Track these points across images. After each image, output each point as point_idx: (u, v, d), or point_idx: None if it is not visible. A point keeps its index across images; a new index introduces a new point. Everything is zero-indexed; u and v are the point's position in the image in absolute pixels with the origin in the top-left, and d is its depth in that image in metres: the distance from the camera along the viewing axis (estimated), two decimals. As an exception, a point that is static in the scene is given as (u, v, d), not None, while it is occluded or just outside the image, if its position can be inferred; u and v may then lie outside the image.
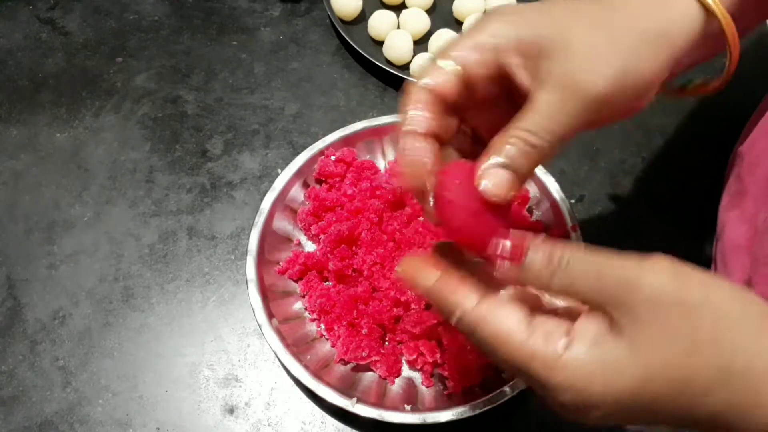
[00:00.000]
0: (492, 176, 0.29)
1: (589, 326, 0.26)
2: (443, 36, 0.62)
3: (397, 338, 0.46)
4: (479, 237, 0.29)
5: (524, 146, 0.29)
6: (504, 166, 0.29)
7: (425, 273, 0.30)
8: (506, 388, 0.42)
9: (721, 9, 0.33)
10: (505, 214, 0.30)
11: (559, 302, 0.30)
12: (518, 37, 0.30)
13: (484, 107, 0.33)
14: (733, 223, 0.46)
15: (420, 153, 0.30)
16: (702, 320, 0.25)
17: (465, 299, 0.28)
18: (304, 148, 0.52)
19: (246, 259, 0.47)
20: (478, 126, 0.34)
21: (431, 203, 0.30)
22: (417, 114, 0.30)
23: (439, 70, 0.31)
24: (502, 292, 0.31)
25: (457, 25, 0.66)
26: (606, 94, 0.29)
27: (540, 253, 0.27)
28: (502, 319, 0.27)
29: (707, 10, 0.32)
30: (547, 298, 0.30)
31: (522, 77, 0.30)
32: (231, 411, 0.46)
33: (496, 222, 0.29)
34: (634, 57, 0.31)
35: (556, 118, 0.29)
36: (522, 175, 0.29)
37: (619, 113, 0.32)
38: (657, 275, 0.25)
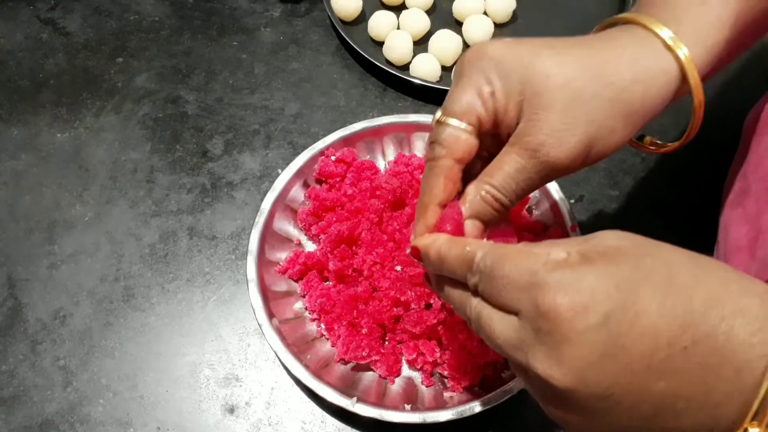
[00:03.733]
0: (467, 229, 0.33)
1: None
2: (443, 36, 0.62)
3: (397, 338, 0.46)
4: None
5: (491, 200, 0.33)
6: (476, 218, 0.33)
7: (436, 237, 0.32)
8: (506, 388, 0.42)
9: (695, 78, 0.33)
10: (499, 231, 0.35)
11: None
12: (509, 90, 0.32)
13: (487, 138, 0.35)
14: (734, 223, 0.46)
15: (432, 221, 0.34)
16: (679, 264, 0.26)
17: (481, 244, 0.30)
18: (304, 148, 0.53)
19: (246, 259, 0.47)
20: (492, 149, 0.35)
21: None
22: (444, 185, 0.34)
23: (458, 132, 0.33)
24: None
25: (456, 25, 0.66)
26: (569, 165, 0.32)
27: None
28: (513, 246, 0.29)
29: (682, 72, 0.33)
30: None
31: (502, 128, 0.33)
32: (231, 410, 0.46)
33: None
34: (605, 130, 0.32)
35: (518, 179, 0.32)
36: (490, 222, 0.34)
37: (581, 168, 0.34)
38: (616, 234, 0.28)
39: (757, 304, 0.24)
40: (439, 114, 0.34)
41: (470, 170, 0.35)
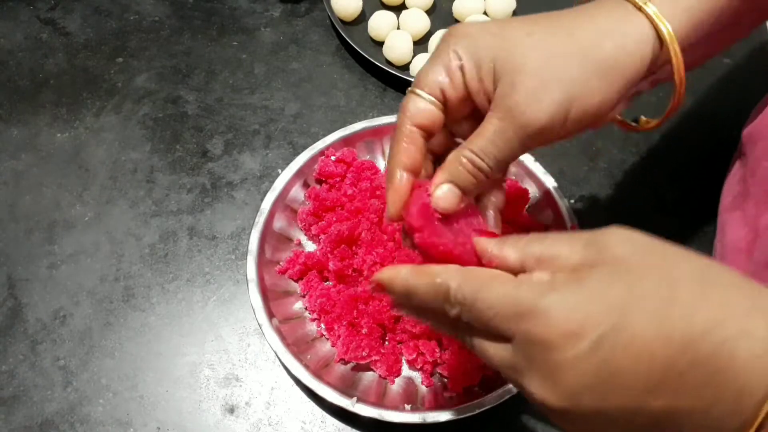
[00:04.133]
0: (442, 193, 0.33)
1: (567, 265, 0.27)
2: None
3: (397, 338, 0.46)
4: (442, 251, 0.32)
5: (470, 167, 0.33)
6: (451, 183, 0.33)
7: (397, 270, 0.31)
8: (506, 388, 0.42)
9: (674, 44, 0.33)
10: (470, 220, 0.34)
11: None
12: (478, 62, 0.33)
13: (467, 119, 0.35)
14: (733, 225, 0.46)
15: (402, 189, 0.34)
16: (680, 273, 0.25)
17: (453, 271, 0.29)
18: (304, 148, 0.53)
19: (246, 259, 0.47)
20: (465, 135, 0.35)
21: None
22: (405, 149, 0.34)
23: (420, 101, 0.33)
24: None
25: (457, 25, 0.66)
26: (546, 126, 0.32)
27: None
28: (489, 271, 0.28)
29: (661, 41, 0.33)
30: None
31: (479, 101, 0.34)
32: (231, 410, 0.46)
33: (456, 234, 0.32)
34: (581, 88, 0.32)
35: (498, 143, 0.32)
36: (468, 190, 0.33)
37: (564, 137, 0.34)
38: (621, 234, 0.27)
39: (762, 325, 0.24)
40: (411, 87, 0.35)
41: (441, 154, 0.35)
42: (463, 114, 0.35)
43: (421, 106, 0.34)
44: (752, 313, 0.24)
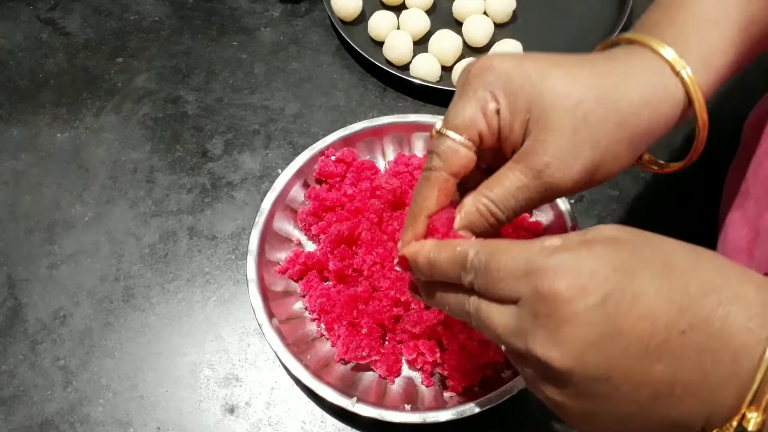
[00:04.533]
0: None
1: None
2: (443, 36, 0.62)
3: (397, 338, 0.46)
4: None
5: (488, 215, 0.32)
6: (470, 230, 0.33)
7: (422, 244, 0.32)
8: (506, 388, 0.42)
9: (700, 102, 0.33)
10: None
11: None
12: (514, 108, 0.32)
13: (490, 152, 0.34)
14: (734, 224, 0.46)
15: (422, 234, 0.34)
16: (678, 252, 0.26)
17: (471, 242, 0.30)
18: (304, 148, 0.53)
19: (246, 259, 0.47)
20: (490, 162, 0.35)
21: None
22: (436, 197, 0.33)
23: (457, 146, 0.32)
24: None
25: (456, 25, 0.66)
26: (572, 188, 0.32)
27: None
28: (506, 241, 0.29)
29: (687, 96, 0.33)
30: None
31: (505, 147, 0.33)
32: (231, 410, 0.46)
33: None
34: (610, 155, 0.32)
35: (518, 197, 0.32)
36: (483, 235, 0.33)
37: (583, 190, 0.34)
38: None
39: (753, 290, 0.25)
40: (439, 124, 0.33)
41: (466, 182, 0.34)
42: (489, 150, 0.34)
43: (461, 152, 0.32)
44: (743, 279, 0.25)
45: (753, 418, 0.23)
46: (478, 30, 0.63)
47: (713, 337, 0.24)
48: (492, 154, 0.35)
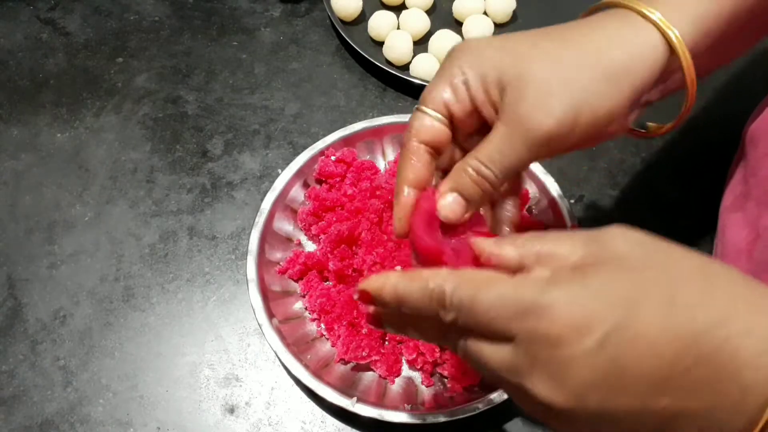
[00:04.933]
0: (447, 203, 0.33)
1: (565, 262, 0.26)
2: (443, 36, 0.62)
3: (397, 338, 0.46)
4: (438, 257, 0.31)
5: (475, 176, 0.32)
6: (456, 192, 0.33)
7: (385, 277, 0.29)
8: (506, 388, 0.42)
9: (683, 48, 0.33)
10: (475, 231, 0.33)
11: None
12: (482, 75, 0.33)
13: (474, 134, 0.35)
14: (734, 225, 0.46)
15: (409, 205, 0.34)
16: (683, 270, 0.25)
17: (446, 274, 0.27)
18: (304, 148, 0.53)
19: (246, 259, 0.47)
20: (472, 148, 0.35)
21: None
22: (411, 165, 0.34)
23: (426, 118, 0.34)
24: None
25: (456, 25, 0.66)
26: (554, 131, 0.31)
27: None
28: (485, 273, 0.27)
29: (670, 48, 0.33)
30: None
31: (487, 112, 0.33)
32: (231, 410, 0.46)
33: (458, 243, 0.33)
34: (588, 94, 0.32)
35: (505, 151, 0.32)
36: (474, 200, 0.33)
37: (576, 145, 0.33)
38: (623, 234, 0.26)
39: (765, 324, 0.24)
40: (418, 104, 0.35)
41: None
42: (473, 128, 0.35)
43: (427, 122, 0.34)
44: (754, 310, 0.24)
45: None
46: (478, 30, 0.63)
47: (720, 372, 0.23)
48: (477, 140, 0.34)
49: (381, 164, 0.55)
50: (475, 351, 0.27)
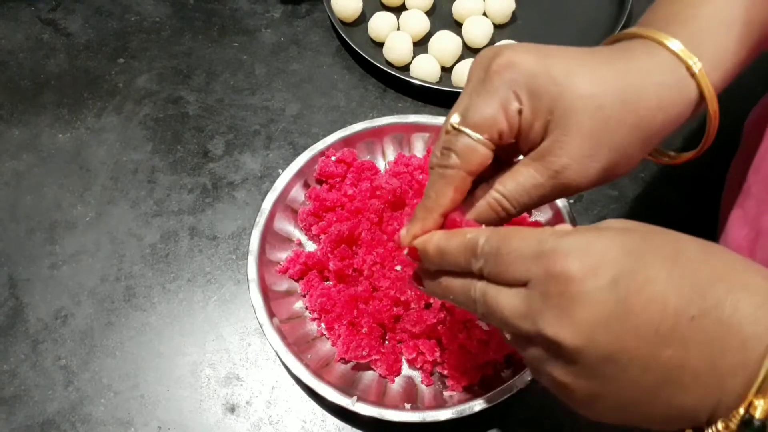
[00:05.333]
0: None
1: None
2: (443, 37, 0.62)
3: (397, 337, 0.46)
4: None
5: (496, 207, 0.33)
6: (478, 221, 0.33)
7: (431, 234, 0.33)
8: (505, 387, 0.42)
9: (713, 103, 0.34)
10: None
11: None
12: (536, 109, 0.31)
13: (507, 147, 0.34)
14: (734, 224, 0.46)
15: (431, 229, 0.34)
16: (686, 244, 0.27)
17: (482, 230, 0.30)
18: (304, 148, 0.53)
19: (247, 258, 0.47)
20: (500, 154, 0.34)
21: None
22: (450, 197, 0.33)
23: (475, 146, 0.32)
24: None
25: (456, 26, 0.66)
26: (586, 188, 0.33)
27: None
28: (515, 228, 0.29)
29: (700, 90, 0.33)
30: None
31: (523, 144, 0.33)
32: (232, 410, 0.47)
33: None
34: (625, 157, 0.33)
35: (532, 194, 0.32)
36: (491, 224, 0.33)
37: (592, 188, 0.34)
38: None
39: (761, 280, 0.25)
40: (456, 119, 0.32)
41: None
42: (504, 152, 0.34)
43: (479, 151, 0.32)
44: (750, 270, 0.26)
45: (760, 406, 0.24)
46: (478, 31, 0.63)
47: (722, 325, 0.24)
48: (504, 147, 0.34)
49: (381, 164, 0.55)
50: (493, 299, 0.28)
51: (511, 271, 0.27)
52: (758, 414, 0.24)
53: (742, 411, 0.24)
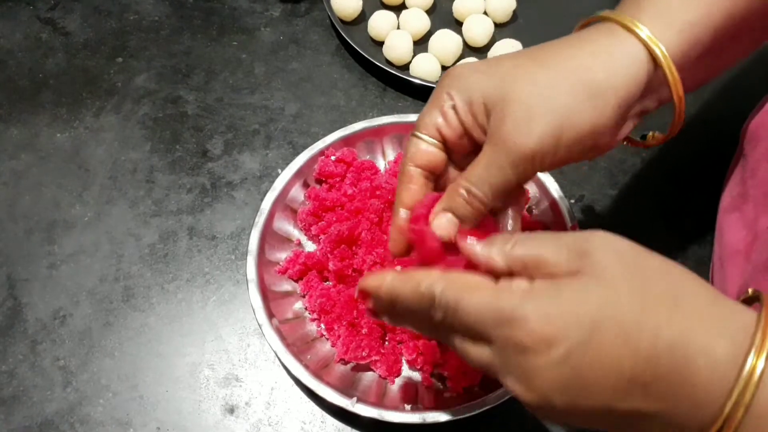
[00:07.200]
0: (441, 222, 0.34)
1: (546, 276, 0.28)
2: (443, 36, 0.62)
3: (397, 338, 0.46)
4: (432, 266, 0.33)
5: (467, 196, 0.34)
6: (450, 212, 0.34)
7: (382, 277, 0.32)
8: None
9: (669, 64, 0.34)
10: (481, 229, 0.35)
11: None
12: (469, 99, 0.34)
13: (470, 154, 0.36)
14: (732, 226, 0.46)
15: (405, 228, 0.36)
16: (656, 275, 0.27)
17: (437, 276, 0.30)
18: (304, 148, 0.53)
19: (246, 259, 0.47)
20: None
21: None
22: (407, 189, 0.36)
23: (420, 143, 0.36)
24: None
25: (457, 25, 0.66)
26: (537, 150, 0.32)
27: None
28: (472, 277, 0.29)
29: (656, 62, 0.34)
30: None
31: (476, 135, 0.35)
32: (231, 411, 0.46)
33: (450, 252, 0.34)
34: (570, 112, 0.33)
35: (492, 172, 0.33)
36: (467, 219, 0.34)
37: (565, 160, 0.34)
38: (605, 239, 0.28)
39: (724, 346, 0.25)
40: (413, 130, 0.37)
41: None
42: (467, 150, 0.36)
43: (422, 147, 0.36)
44: (714, 332, 0.25)
45: None
46: (478, 30, 0.63)
47: (677, 388, 0.25)
48: (473, 155, 0.36)
49: (381, 164, 0.55)
50: (461, 348, 0.29)
51: (473, 332, 0.28)
52: None
53: None
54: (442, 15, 0.67)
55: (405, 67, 0.62)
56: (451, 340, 0.30)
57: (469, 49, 0.64)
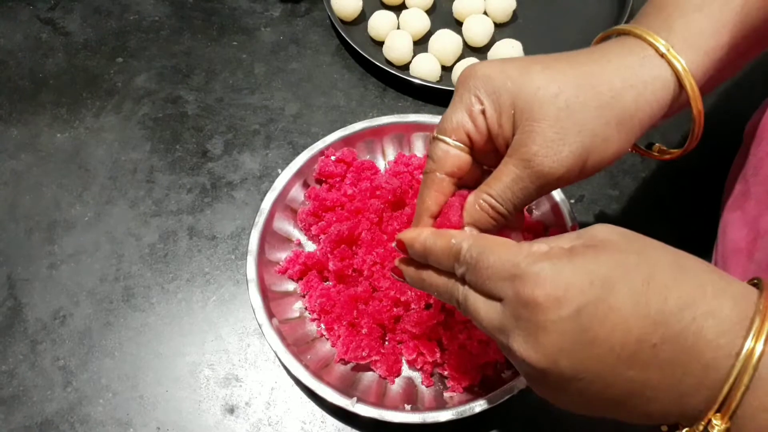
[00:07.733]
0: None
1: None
2: (443, 36, 0.62)
3: (397, 338, 0.46)
4: None
5: (489, 210, 0.34)
6: (472, 226, 0.34)
7: (420, 230, 0.34)
8: (506, 388, 0.42)
9: (691, 82, 0.34)
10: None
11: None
12: (498, 106, 0.33)
13: (488, 153, 0.36)
14: (734, 225, 0.46)
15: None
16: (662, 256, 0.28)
17: (465, 235, 0.31)
18: (304, 148, 0.53)
19: (246, 259, 0.47)
20: (488, 164, 0.37)
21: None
22: (435, 197, 0.35)
23: (447, 148, 0.35)
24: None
25: (457, 25, 0.66)
26: (564, 176, 0.33)
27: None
28: (497, 238, 0.31)
29: (679, 82, 0.34)
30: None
31: (499, 143, 0.35)
32: (231, 410, 0.46)
33: None
34: (598, 140, 0.33)
35: (515, 190, 0.33)
36: (488, 230, 0.34)
37: (579, 180, 0.35)
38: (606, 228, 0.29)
39: (729, 306, 0.26)
40: (436, 130, 0.36)
41: (472, 185, 0.36)
42: (487, 150, 0.36)
43: (451, 152, 0.35)
44: (720, 295, 0.26)
45: (717, 426, 0.25)
46: (478, 30, 0.63)
47: (684, 351, 0.26)
48: (492, 156, 0.36)
49: (381, 164, 0.55)
50: (473, 305, 0.30)
51: (487, 286, 0.29)
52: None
53: (701, 428, 0.26)
54: (442, 15, 0.67)
55: (405, 67, 0.62)
56: (465, 301, 0.31)
57: (469, 49, 0.64)
